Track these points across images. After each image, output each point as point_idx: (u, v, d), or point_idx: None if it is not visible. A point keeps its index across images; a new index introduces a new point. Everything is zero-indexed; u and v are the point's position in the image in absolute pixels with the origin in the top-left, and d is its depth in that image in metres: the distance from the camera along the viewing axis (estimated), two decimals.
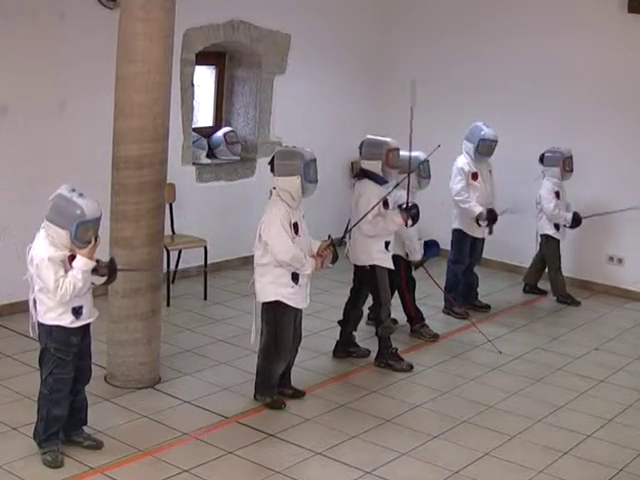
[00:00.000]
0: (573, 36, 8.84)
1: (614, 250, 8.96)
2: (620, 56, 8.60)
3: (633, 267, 8.86)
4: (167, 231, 7.18)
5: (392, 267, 6.79)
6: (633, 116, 8.59)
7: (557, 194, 8.39)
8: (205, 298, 8.18)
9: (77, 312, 4.99)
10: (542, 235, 8.55)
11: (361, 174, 6.75)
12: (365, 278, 6.81)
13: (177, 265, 8.36)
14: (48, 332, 5.00)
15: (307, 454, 5.40)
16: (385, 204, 6.65)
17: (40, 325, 5.03)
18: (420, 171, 7.16)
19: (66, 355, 5.03)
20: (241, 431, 5.67)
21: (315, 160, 5.89)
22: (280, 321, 5.90)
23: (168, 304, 7.82)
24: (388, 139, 6.74)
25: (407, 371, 6.73)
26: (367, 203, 6.56)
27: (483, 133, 7.87)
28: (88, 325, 5.16)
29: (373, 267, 6.70)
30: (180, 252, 8.33)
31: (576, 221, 8.42)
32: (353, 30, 9.93)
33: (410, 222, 6.73)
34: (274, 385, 6.07)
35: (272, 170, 5.90)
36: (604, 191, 8.71)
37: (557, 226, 8.46)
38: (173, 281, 8.17)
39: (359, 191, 6.70)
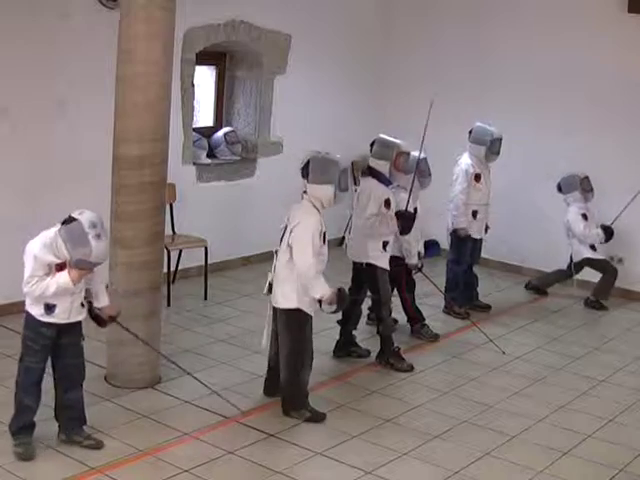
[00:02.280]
0: (573, 36, 8.84)
1: (615, 250, 8.95)
2: (620, 56, 8.60)
3: (633, 267, 8.87)
4: (167, 231, 7.18)
5: (387, 267, 6.77)
6: (633, 116, 8.59)
7: (584, 216, 8.41)
8: (205, 298, 8.18)
9: (49, 308, 4.99)
10: (583, 259, 8.56)
11: (367, 172, 6.75)
12: (364, 277, 6.80)
13: (177, 265, 8.36)
14: (25, 317, 5.08)
15: (307, 454, 5.40)
16: (387, 204, 6.64)
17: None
18: (421, 171, 7.17)
19: (34, 343, 5.04)
20: (241, 431, 5.66)
21: (347, 169, 5.91)
22: (303, 329, 5.84)
23: (168, 304, 7.81)
24: (400, 141, 6.76)
25: (408, 371, 6.72)
26: (367, 200, 6.59)
27: (492, 132, 7.90)
28: (72, 325, 5.11)
29: (371, 266, 6.69)
30: (180, 252, 8.33)
31: (608, 233, 8.43)
32: (353, 30, 9.93)
33: (399, 230, 6.73)
34: (305, 396, 5.94)
35: (304, 176, 5.80)
36: (603, 189, 8.70)
37: (593, 247, 8.48)
38: (173, 281, 8.17)
39: (362, 188, 6.72)
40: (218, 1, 8.44)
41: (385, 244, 6.72)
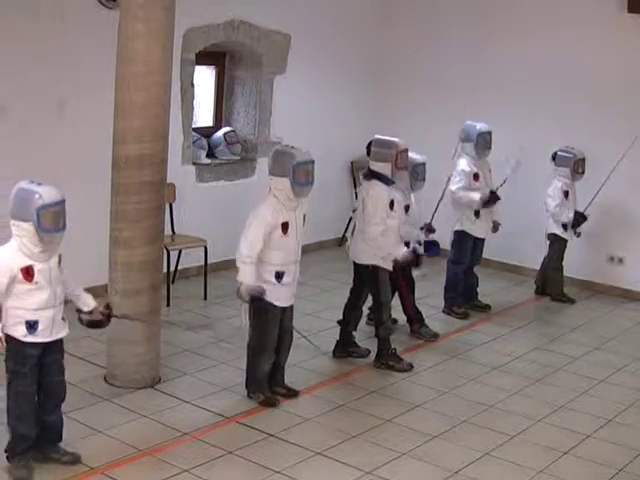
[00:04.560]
0: (572, 36, 8.83)
1: (614, 250, 8.96)
2: (620, 56, 8.60)
3: (633, 267, 8.86)
4: (167, 231, 7.18)
5: (391, 269, 6.76)
6: (633, 116, 8.58)
7: (566, 194, 8.37)
8: (205, 298, 8.18)
9: (31, 327, 4.75)
10: (549, 234, 8.54)
11: (369, 175, 6.68)
12: (366, 278, 6.80)
13: (177, 265, 8.36)
14: (6, 340, 4.76)
15: (307, 454, 5.40)
16: (391, 205, 6.61)
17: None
18: (417, 174, 7.17)
19: (22, 366, 4.78)
20: (241, 431, 5.67)
21: (309, 162, 5.83)
22: (264, 316, 5.91)
23: (168, 304, 7.81)
24: (397, 139, 6.70)
25: (407, 371, 6.72)
26: (375, 204, 6.54)
27: (479, 128, 7.89)
28: (55, 342, 4.90)
29: (375, 267, 6.69)
30: (180, 252, 8.33)
31: (578, 218, 8.38)
32: (353, 30, 9.93)
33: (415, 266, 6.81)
34: (262, 380, 6.06)
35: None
36: (603, 189, 8.70)
37: (565, 226, 8.45)
38: (173, 281, 8.17)
39: (367, 191, 6.63)
40: (218, 1, 8.44)
41: None
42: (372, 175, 6.65)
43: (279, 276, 5.87)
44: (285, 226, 5.82)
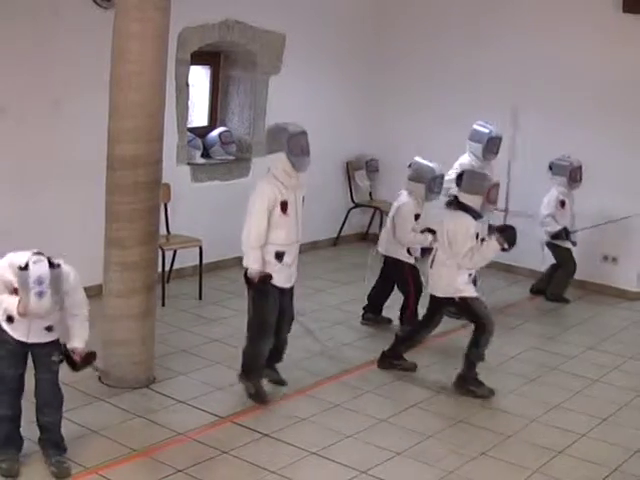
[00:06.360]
0: (568, 36, 8.85)
1: (609, 249, 8.97)
2: (615, 55, 8.62)
3: (627, 266, 8.88)
4: (162, 231, 7.16)
5: (476, 295, 6.49)
6: (629, 115, 8.60)
7: (562, 203, 8.36)
8: (200, 298, 8.17)
9: (9, 318, 4.75)
10: (548, 243, 8.53)
11: (456, 204, 6.42)
12: (460, 311, 6.63)
13: (172, 265, 8.35)
14: None
15: (302, 454, 5.40)
16: (476, 237, 6.41)
17: None
18: (434, 186, 7.14)
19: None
20: (236, 431, 5.66)
21: (302, 133, 5.84)
22: (263, 298, 5.88)
23: (163, 304, 7.80)
24: (489, 174, 6.59)
25: (488, 397, 6.38)
26: (465, 236, 6.30)
27: (489, 131, 7.88)
28: (35, 344, 4.86)
29: (463, 299, 6.42)
30: (175, 252, 8.31)
31: (564, 235, 8.37)
32: (348, 29, 9.92)
33: (506, 246, 6.42)
34: (260, 367, 6.03)
35: None
36: (601, 191, 8.71)
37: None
38: (168, 281, 8.16)
39: (454, 223, 6.36)
40: (212, 1, 8.43)
41: (469, 275, 6.48)
42: (459, 206, 6.40)
43: (279, 256, 5.85)
44: (284, 205, 5.81)
